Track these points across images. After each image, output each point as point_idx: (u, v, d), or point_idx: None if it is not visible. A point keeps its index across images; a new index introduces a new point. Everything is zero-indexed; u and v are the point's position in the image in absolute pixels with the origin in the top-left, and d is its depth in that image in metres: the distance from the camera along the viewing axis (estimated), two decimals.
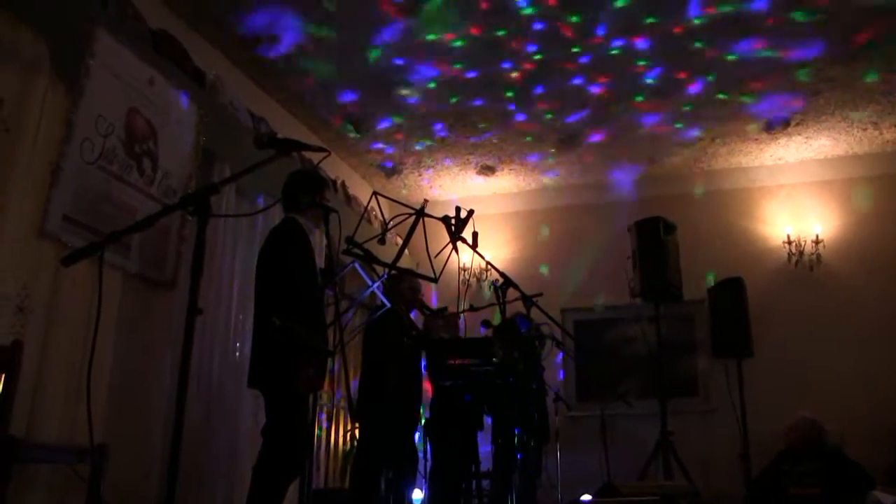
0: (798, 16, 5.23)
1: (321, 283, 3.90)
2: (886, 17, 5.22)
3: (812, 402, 5.94)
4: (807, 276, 7.21)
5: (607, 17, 5.26)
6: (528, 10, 5.19)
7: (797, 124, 6.81)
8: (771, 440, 5.75)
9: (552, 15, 5.24)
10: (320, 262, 5.11)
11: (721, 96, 6.31)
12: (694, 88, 6.19)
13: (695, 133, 7.01)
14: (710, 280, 7.07)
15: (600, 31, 5.43)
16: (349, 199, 7.15)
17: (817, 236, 7.24)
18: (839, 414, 6.08)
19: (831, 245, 7.24)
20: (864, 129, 6.89)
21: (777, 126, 6.83)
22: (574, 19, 5.28)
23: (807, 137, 7.06)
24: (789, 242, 7.32)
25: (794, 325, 7.01)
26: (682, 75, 6.01)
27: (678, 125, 6.86)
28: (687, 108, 6.53)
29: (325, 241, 4.64)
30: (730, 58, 5.73)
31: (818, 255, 7.21)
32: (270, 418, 3.58)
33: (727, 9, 5.14)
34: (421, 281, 4.90)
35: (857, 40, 5.49)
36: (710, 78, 6.03)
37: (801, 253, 7.27)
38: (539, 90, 6.24)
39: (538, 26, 5.37)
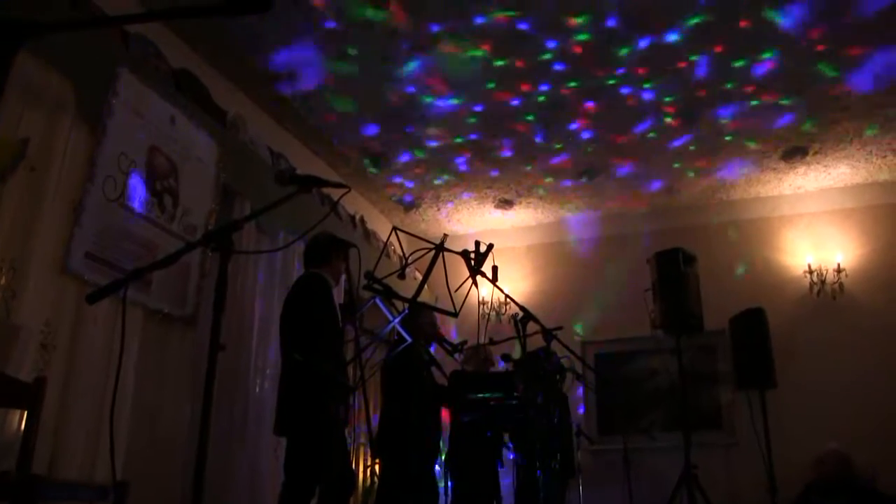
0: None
1: (342, 320, 3.94)
2: None
3: (839, 433, 5.83)
4: (829, 306, 7.12)
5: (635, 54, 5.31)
6: (548, 55, 5.27)
7: (815, 153, 6.78)
8: (797, 473, 5.63)
9: (576, 57, 5.30)
10: (340, 298, 5.13)
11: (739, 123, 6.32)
12: (714, 116, 6.19)
13: (714, 163, 6.99)
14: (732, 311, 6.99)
15: (620, 71, 5.48)
16: (368, 235, 7.16)
17: (839, 265, 7.17)
18: (868, 445, 5.95)
19: (853, 274, 7.16)
20: (884, 157, 6.84)
21: (796, 155, 6.80)
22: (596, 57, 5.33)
23: (825, 166, 7.02)
24: (811, 272, 7.25)
25: (818, 354, 6.91)
26: (703, 103, 6.01)
27: (698, 155, 6.85)
28: (706, 138, 6.52)
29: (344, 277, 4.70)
30: (749, 85, 5.74)
31: (840, 284, 7.13)
32: (294, 454, 3.57)
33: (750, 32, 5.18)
34: (439, 315, 4.89)
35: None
36: (731, 106, 6.03)
37: (823, 282, 7.20)
38: (556, 123, 6.26)
39: (558, 66, 5.43)
